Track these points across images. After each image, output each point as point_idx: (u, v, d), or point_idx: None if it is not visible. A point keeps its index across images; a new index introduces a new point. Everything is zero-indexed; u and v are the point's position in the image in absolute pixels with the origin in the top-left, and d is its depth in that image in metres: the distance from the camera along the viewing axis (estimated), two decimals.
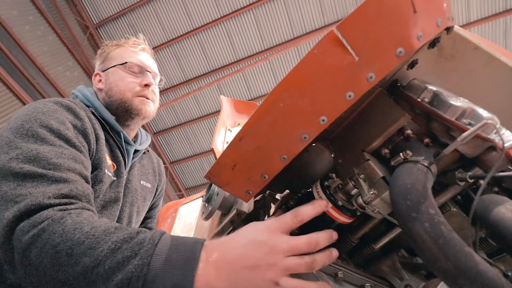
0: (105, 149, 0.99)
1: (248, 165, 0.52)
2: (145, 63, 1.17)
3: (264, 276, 0.50)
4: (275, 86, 0.44)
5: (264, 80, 7.97)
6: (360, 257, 0.74)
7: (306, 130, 0.47)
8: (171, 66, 8.07)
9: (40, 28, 6.51)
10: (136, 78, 1.12)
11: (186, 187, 10.20)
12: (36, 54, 6.23)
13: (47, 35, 6.65)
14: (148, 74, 1.14)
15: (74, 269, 0.53)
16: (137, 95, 1.10)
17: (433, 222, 0.41)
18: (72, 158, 0.77)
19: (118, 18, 7.58)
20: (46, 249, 0.55)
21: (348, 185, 0.59)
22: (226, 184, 0.55)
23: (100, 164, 0.94)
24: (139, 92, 1.11)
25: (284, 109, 0.46)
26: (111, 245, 0.54)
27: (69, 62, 7.14)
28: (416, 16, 0.42)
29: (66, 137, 0.81)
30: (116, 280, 0.50)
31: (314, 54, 0.42)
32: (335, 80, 0.43)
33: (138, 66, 1.14)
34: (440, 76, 0.72)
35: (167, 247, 0.53)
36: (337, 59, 0.42)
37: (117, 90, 1.10)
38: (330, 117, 0.46)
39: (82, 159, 0.81)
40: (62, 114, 0.87)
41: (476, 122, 0.54)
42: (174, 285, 0.49)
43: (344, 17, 0.41)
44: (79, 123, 0.90)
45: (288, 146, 0.49)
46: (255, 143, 0.49)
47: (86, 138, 0.89)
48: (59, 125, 0.82)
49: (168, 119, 8.94)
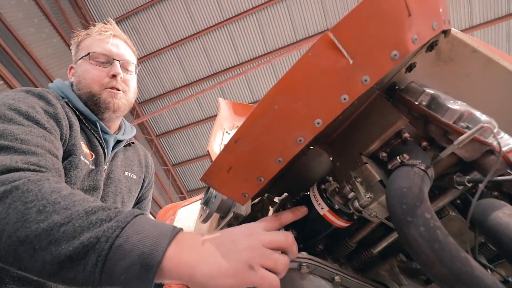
0: (80, 137, 0.96)
1: (243, 167, 0.52)
2: (113, 50, 1.07)
3: (239, 256, 0.48)
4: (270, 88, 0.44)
5: (267, 83, 7.99)
6: (358, 261, 0.74)
7: (301, 133, 0.47)
8: (174, 69, 8.12)
9: (45, 30, 6.59)
10: (103, 69, 1.05)
11: (188, 190, 10.21)
12: (41, 56, 6.31)
13: (51, 38, 6.73)
14: (116, 63, 1.06)
15: (39, 225, 0.50)
16: (106, 87, 1.04)
17: (429, 226, 0.40)
18: (42, 137, 0.75)
19: (122, 21, 7.65)
20: (15, 205, 0.52)
21: (345, 189, 0.58)
22: (221, 187, 0.55)
23: (75, 151, 0.90)
24: (107, 83, 1.04)
25: (279, 112, 0.46)
26: (87, 208, 0.51)
27: None
28: (410, 19, 0.42)
29: (35, 119, 0.78)
30: (82, 239, 0.47)
31: (308, 57, 0.42)
32: (330, 83, 0.43)
33: (104, 55, 1.06)
34: (438, 79, 0.71)
35: (145, 221, 0.51)
36: (331, 62, 0.42)
37: (84, 83, 1.04)
38: (325, 120, 0.45)
39: (52, 139, 0.79)
40: (33, 100, 0.85)
41: (474, 125, 0.54)
42: (142, 253, 0.46)
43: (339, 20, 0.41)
44: (50, 108, 0.87)
45: (284, 148, 0.49)
46: (250, 146, 0.49)
47: (58, 123, 0.86)
48: (28, 108, 0.80)
49: (170, 122, 8.98)
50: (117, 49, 1.09)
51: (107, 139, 1.08)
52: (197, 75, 8.14)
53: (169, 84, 8.39)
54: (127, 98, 1.10)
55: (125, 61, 1.09)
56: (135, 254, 0.47)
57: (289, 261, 0.53)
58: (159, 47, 7.84)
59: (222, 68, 7.96)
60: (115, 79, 1.05)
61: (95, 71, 1.04)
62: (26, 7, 6.19)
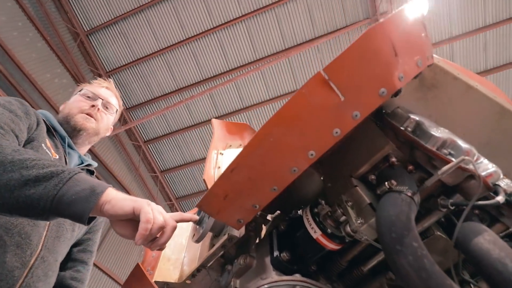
0: (47, 137, 1.10)
1: (239, 195, 0.53)
2: (101, 93, 1.33)
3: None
4: (266, 121, 0.46)
5: (256, 89, 8.05)
6: (350, 279, 0.76)
7: (295, 164, 0.49)
8: (163, 74, 8.06)
9: (29, 34, 6.43)
10: (87, 101, 1.29)
11: (176, 197, 10.07)
12: (24, 60, 6.13)
13: (35, 42, 6.56)
14: (100, 100, 1.30)
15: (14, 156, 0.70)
16: (82, 112, 1.25)
17: (417, 256, 0.43)
18: (10, 119, 0.92)
19: (109, 26, 7.56)
20: None
21: (337, 213, 0.60)
22: (217, 213, 0.56)
23: (38, 138, 1.04)
24: (84, 110, 1.26)
25: (274, 143, 0.47)
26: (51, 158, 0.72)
27: (58, 69, 7.04)
28: (397, 59, 0.44)
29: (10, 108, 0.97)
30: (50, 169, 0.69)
31: (302, 93, 0.44)
32: (323, 118, 0.45)
33: (92, 93, 1.31)
34: (422, 103, 0.75)
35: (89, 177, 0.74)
36: (324, 98, 0.44)
37: (68, 107, 1.28)
38: (318, 152, 0.48)
39: (18, 123, 0.96)
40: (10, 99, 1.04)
41: (456, 152, 0.57)
42: (92, 185, 0.68)
43: (331, 61, 0.43)
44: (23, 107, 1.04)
45: (278, 178, 0.51)
46: (246, 175, 0.51)
47: (27, 115, 1.03)
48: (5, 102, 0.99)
49: (159, 128, 8.87)
50: (104, 93, 1.35)
51: (71, 154, 1.22)
52: (186, 81, 8.10)
53: (157, 90, 8.31)
54: (97, 126, 1.29)
55: (107, 102, 1.34)
56: (87, 185, 0.69)
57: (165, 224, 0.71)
58: (147, 53, 7.77)
59: (211, 74, 7.96)
60: (93, 109, 1.27)
61: (80, 101, 1.29)
62: (9, 10, 6.03)
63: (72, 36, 7.55)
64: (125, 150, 8.69)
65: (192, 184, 9.74)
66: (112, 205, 0.69)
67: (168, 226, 0.71)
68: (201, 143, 8.93)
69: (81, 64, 7.59)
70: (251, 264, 0.73)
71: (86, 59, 7.85)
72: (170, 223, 0.71)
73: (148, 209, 0.69)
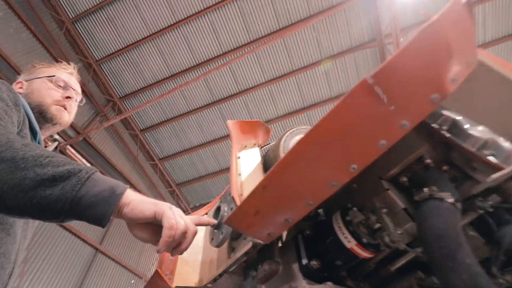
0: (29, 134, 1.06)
1: (271, 211, 0.50)
2: (72, 82, 1.30)
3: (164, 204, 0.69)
4: (304, 136, 0.42)
5: (251, 72, 7.87)
6: (377, 279, 0.74)
7: (335, 178, 0.45)
8: (155, 60, 7.82)
9: (12, 25, 6.12)
10: (59, 90, 1.22)
11: (177, 183, 10.10)
12: (10, 53, 5.88)
13: (20, 33, 6.26)
14: (72, 90, 1.26)
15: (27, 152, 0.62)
16: (56, 104, 1.19)
17: (471, 274, 0.40)
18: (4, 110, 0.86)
19: (95, 12, 7.21)
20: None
21: (371, 220, 0.57)
22: (247, 229, 0.53)
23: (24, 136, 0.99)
24: (58, 101, 1.19)
25: (312, 159, 0.43)
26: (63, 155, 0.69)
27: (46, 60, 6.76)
28: (451, 60, 0.40)
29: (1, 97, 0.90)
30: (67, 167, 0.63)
31: (346, 103, 0.39)
32: (368, 129, 0.41)
33: (64, 81, 1.25)
34: (453, 95, 0.71)
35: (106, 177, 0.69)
36: (370, 108, 0.40)
37: (38, 94, 1.17)
38: (361, 165, 0.44)
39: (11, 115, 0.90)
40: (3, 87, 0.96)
41: (498, 153, 0.54)
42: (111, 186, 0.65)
43: (378, 67, 0.38)
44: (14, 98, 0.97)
45: (315, 192, 0.47)
46: (280, 191, 0.47)
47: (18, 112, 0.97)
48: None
49: (154, 116, 8.73)
50: (75, 84, 1.33)
51: None
52: (179, 66, 7.88)
53: (150, 77, 8.09)
54: (69, 118, 1.27)
55: (77, 92, 1.32)
56: (106, 185, 0.65)
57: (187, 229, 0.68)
58: (137, 38, 7.48)
59: (205, 58, 7.73)
60: (67, 100, 1.23)
61: (53, 90, 1.21)
62: None
63: (58, 25, 7.22)
64: (122, 140, 8.59)
65: (192, 170, 9.75)
66: (131, 208, 0.66)
67: (190, 231, 0.68)
68: (198, 129, 8.84)
69: (69, 54, 7.31)
70: (277, 270, 0.71)
71: (74, 48, 7.56)
72: (191, 228, 0.68)
73: (170, 214, 0.66)
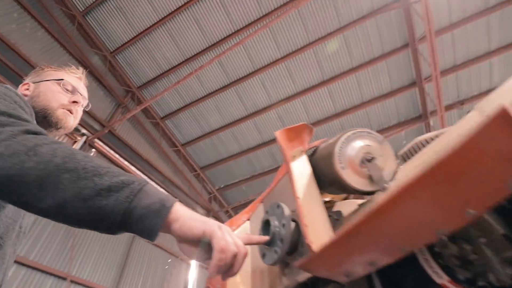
0: None
1: (355, 256, 0.42)
2: (80, 87, 1.28)
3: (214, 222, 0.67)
4: (411, 178, 0.32)
5: (266, 49, 7.56)
6: None
7: (443, 226, 0.36)
8: (167, 46, 7.69)
9: (27, 25, 6.18)
10: (66, 94, 1.20)
11: (200, 167, 10.32)
12: (29, 53, 5.99)
13: (35, 31, 6.33)
14: (79, 95, 1.24)
15: (87, 163, 0.63)
16: (62, 107, 1.17)
17: None
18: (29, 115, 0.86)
19: (104, 2, 7.10)
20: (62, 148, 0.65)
21: (464, 251, 0.48)
22: (323, 272, 0.46)
23: None
24: (65, 105, 1.18)
25: (418, 205, 0.34)
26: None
27: (64, 57, 6.86)
28: None
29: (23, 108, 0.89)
30: (121, 178, 0.63)
31: (474, 141, 0.30)
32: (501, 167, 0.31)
33: (72, 86, 1.23)
34: None
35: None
36: (506, 145, 0.29)
37: (44, 97, 1.15)
38: (481, 210, 0.34)
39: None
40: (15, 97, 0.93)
41: None
42: (161, 198, 0.64)
43: None
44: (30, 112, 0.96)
45: (414, 241, 0.39)
46: (368, 240, 0.39)
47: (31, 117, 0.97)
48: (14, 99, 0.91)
49: (173, 102, 8.77)
50: (83, 89, 1.31)
51: None
52: (192, 49, 7.71)
53: (165, 64, 8.02)
54: (74, 122, 1.25)
55: (84, 98, 1.30)
56: (156, 198, 0.64)
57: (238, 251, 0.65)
58: (148, 25, 7.35)
59: (217, 38, 7.49)
60: (74, 105, 1.21)
61: (60, 94, 1.19)
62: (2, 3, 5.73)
63: (70, 20, 7.21)
64: (144, 129, 8.77)
65: (214, 152, 9.87)
66: (180, 225, 0.64)
67: (240, 253, 0.64)
68: (217, 112, 8.81)
69: (84, 48, 7.35)
70: None
71: (88, 42, 7.57)
72: (242, 250, 0.64)
73: (220, 234, 0.63)
